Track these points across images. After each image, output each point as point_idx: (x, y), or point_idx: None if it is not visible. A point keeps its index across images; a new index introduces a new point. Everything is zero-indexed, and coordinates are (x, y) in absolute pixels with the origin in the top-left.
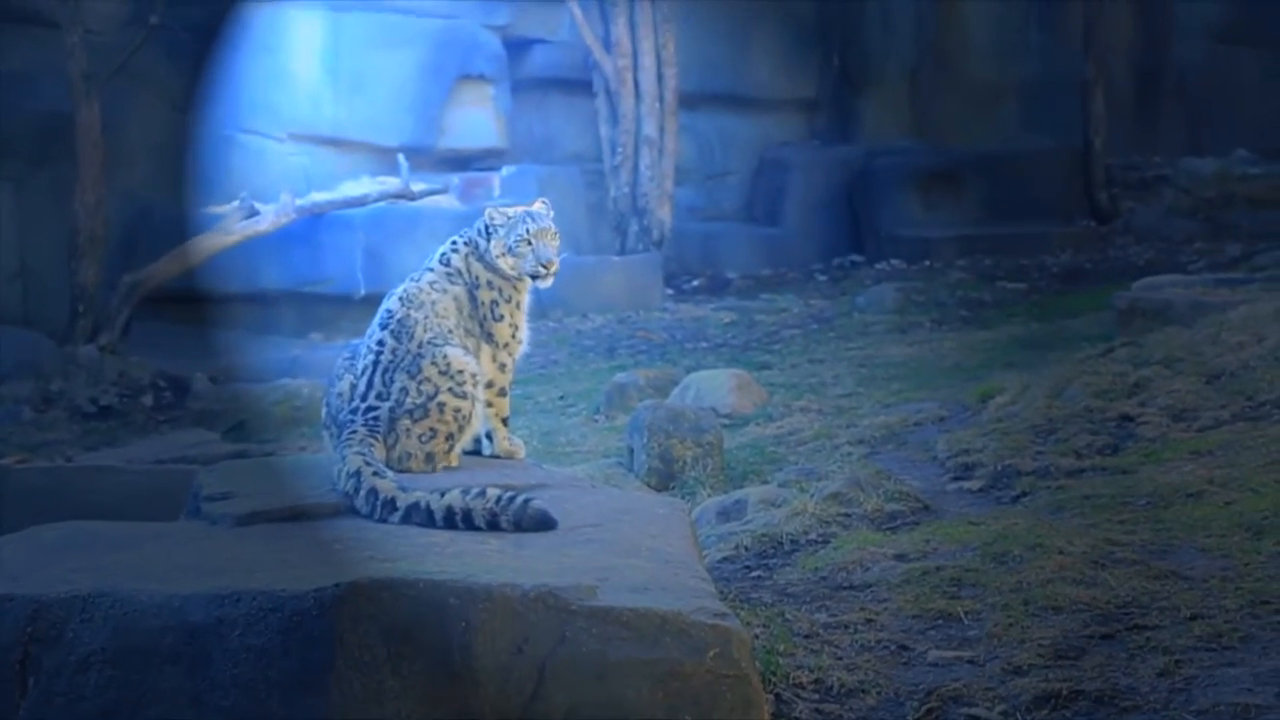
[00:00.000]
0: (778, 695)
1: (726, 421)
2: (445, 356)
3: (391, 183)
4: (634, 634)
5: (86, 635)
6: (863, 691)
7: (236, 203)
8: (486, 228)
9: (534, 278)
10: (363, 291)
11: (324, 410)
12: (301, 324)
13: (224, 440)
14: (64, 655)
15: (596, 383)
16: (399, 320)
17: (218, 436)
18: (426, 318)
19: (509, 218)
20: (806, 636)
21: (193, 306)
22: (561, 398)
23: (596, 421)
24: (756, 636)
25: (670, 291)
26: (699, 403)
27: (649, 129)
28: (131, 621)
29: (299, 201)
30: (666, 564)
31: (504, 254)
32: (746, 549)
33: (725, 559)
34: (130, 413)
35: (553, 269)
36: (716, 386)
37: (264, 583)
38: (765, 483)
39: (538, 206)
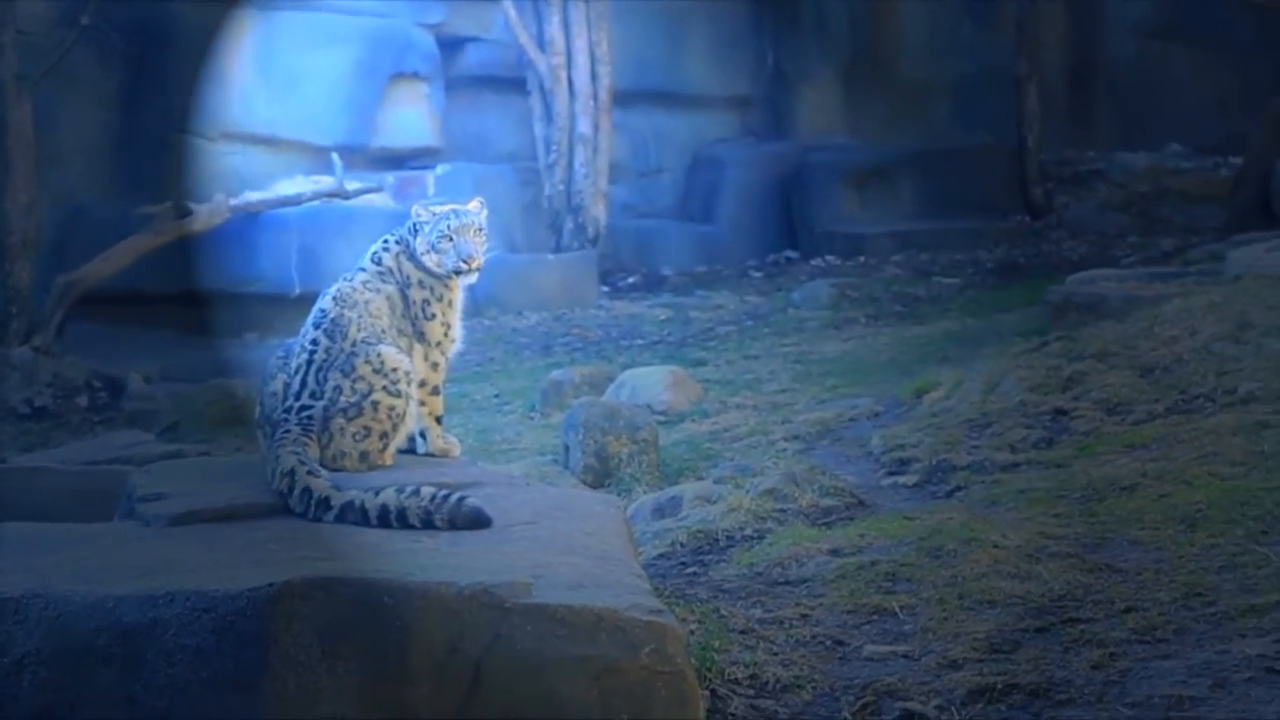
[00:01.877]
0: (713, 691)
1: (662, 418)
2: (379, 355)
3: (325, 182)
4: (569, 631)
5: (20, 637)
6: (798, 687)
7: (170, 203)
8: (414, 225)
9: (457, 273)
10: (297, 290)
11: (258, 409)
12: (236, 324)
13: (159, 441)
14: None
15: (532, 380)
16: (332, 319)
17: (153, 437)
18: (360, 317)
19: (434, 215)
20: (742, 632)
21: (127, 307)
22: (497, 395)
23: (532, 419)
24: (692, 632)
25: (605, 289)
26: (634, 400)
27: (583, 127)
28: (65, 623)
29: (232, 201)
30: (602, 561)
31: (428, 251)
32: (682, 545)
33: (661, 555)
34: (65, 414)
35: (474, 264)
36: (652, 383)
37: (198, 583)
38: (700, 479)
39: (473, 205)
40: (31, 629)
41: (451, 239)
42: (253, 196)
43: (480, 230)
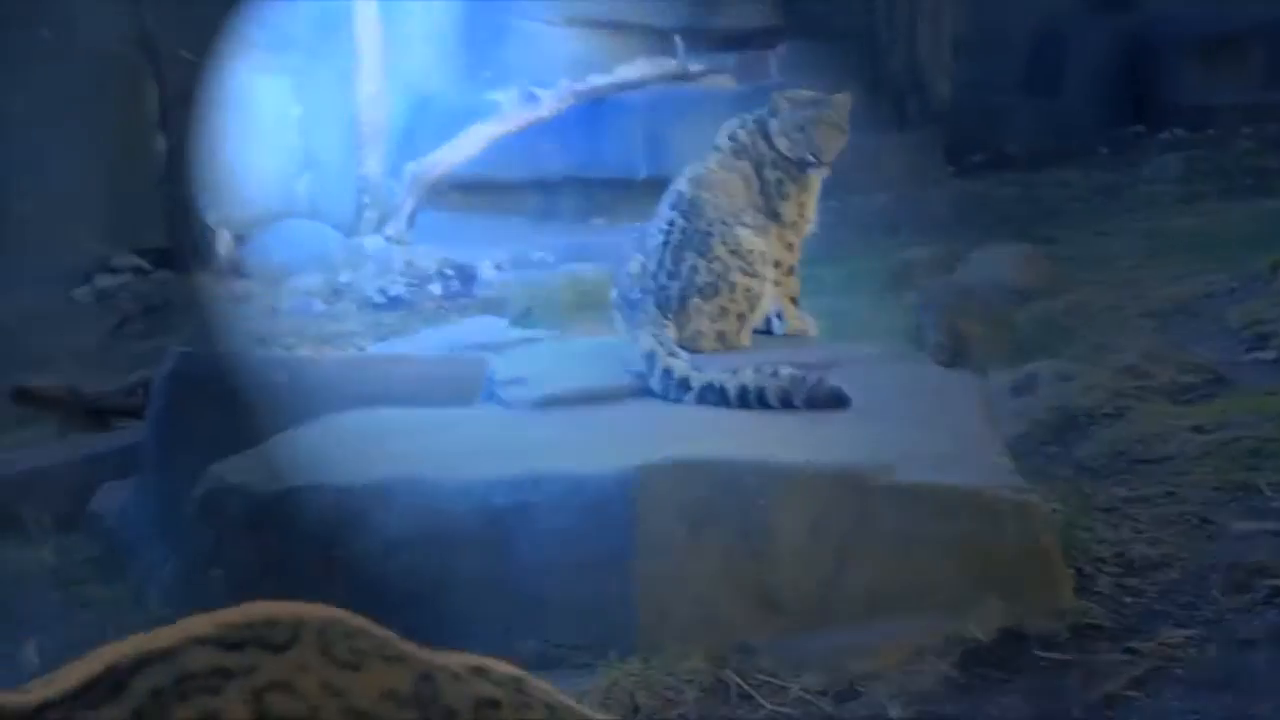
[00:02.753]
0: (1079, 570)
1: (1014, 296)
2: (735, 236)
3: (668, 64)
4: (934, 511)
5: (389, 522)
6: (1166, 565)
7: (515, 89)
8: (773, 109)
9: (805, 166)
10: (643, 174)
11: (613, 291)
12: (583, 209)
13: (513, 326)
14: (368, 542)
15: (882, 260)
16: (689, 200)
17: (507, 323)
18: (715, 197)
19: (792, 103)
20: (1106, 511)
21: (475, 194)
22: (849, 277)
23: (884, 300)
24: (1056, 511)
25: (951, 167)
26: (986, 278)
27: (926, 2)
28: (434, 507)
29: (577, 86)
30: (963, 439)
31: (781, 135)
32: (1041, 424)
33: (1019, 435)
34: (419, 302)
35: (825, 159)
36: (1003, 261)
37: (565, 466)
38: (1056, 357)
39: (839, 98)
40: (400, 514)
41: (804, 130)
42: (596, 81)
43: (836, 127)
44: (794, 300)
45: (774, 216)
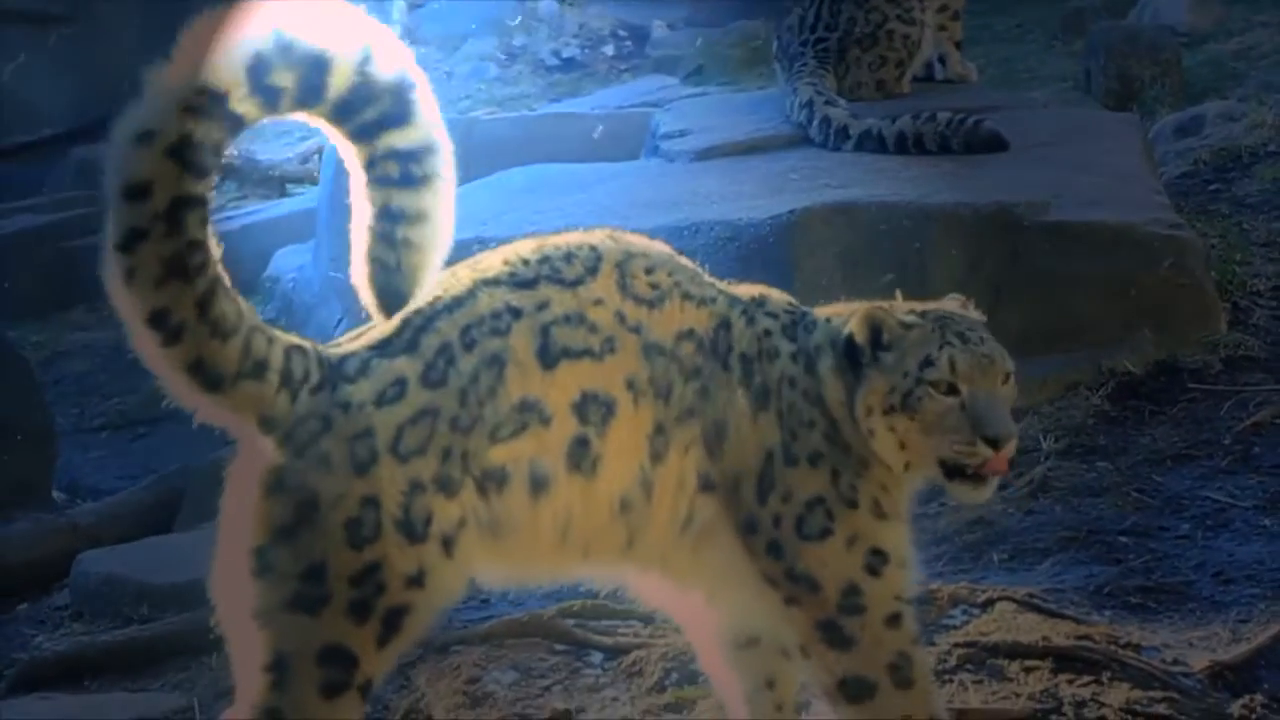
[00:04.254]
0: (1234, 304)
1: (1184, 39)
2: None
3: None
4: (1088, 247)
5: None
6: None
7: None
8: None
9: None
10: None
11: (774, 44)
12: None
13: (684, 84)
14: None
15: (1052, 9)
16: None
17: (678, 81)
18: None
19: None
20: (1264, 245)
21: None
22: (1018, 25)
23: (1052, 47)
24: (1213, 247)
25: None
26: (1156, 22)
27: None
28: None
29: None
30: (1121, 179)
31: None
32: (1204, 163)
33: (1183, 174)
34: (592, 64)
35: None
36: (1174, 4)
37: (721, 213)
38: (1224, 98)
39: None
40: None
41: None
42: None
43: None
44: (957, 45)
45: None
